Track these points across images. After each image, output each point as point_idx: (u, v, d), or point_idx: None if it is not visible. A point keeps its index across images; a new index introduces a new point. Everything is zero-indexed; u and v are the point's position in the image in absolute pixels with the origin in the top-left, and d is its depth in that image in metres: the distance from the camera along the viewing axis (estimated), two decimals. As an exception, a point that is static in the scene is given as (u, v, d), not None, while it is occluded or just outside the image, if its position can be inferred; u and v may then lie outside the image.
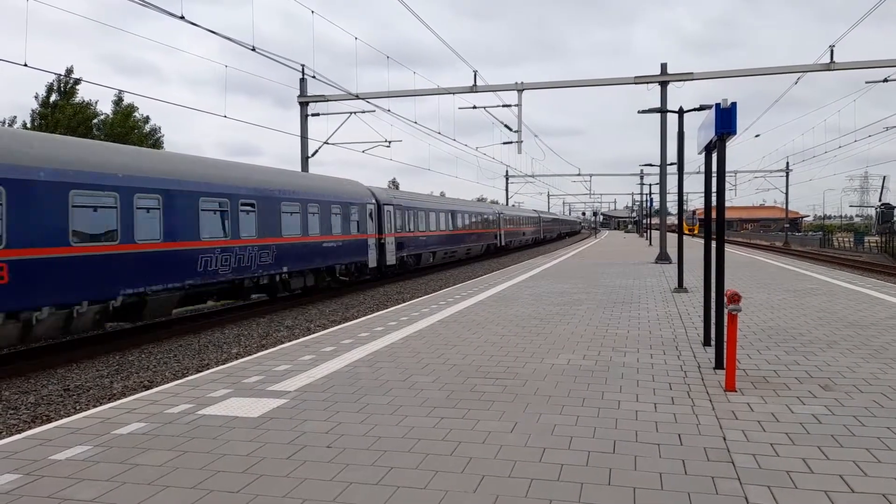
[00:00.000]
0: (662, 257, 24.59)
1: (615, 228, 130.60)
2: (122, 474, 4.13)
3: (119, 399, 7.42)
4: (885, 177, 44.26)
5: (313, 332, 13.07)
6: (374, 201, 23.55)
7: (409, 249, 27.02)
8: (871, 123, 34.03)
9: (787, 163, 62.76)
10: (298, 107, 27.06)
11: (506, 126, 27.02)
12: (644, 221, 63.30)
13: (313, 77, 21.82)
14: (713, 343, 7.02)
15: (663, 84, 23.99)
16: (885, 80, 22.76)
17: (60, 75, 37.90)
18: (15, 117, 40.63)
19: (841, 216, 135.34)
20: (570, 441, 4.61)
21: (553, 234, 76.42)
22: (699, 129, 7.62)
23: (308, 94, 26.83)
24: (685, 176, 14.93)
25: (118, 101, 41.01)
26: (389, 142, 28.27)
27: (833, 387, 6.00)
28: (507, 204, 69.19)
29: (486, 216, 41.26)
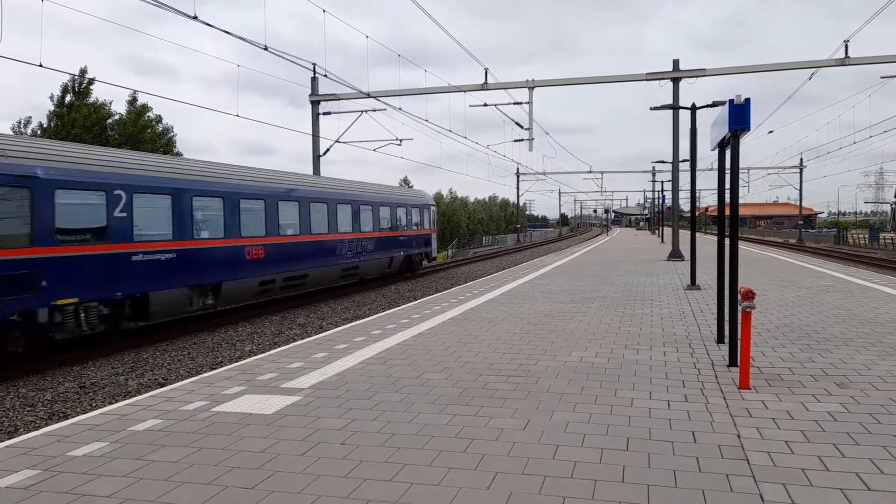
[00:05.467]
0: (675, 254, 24.48)
1: (627, 225, 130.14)
2: (138, 470, 4.17)
3: (134, 396, 7.49)
4: (900, 173, 43.84)
5: (326, 330, 13.12)
6: None
7: None
8: (887, 119, 33.65)
9: (801, 159, 62.31)
10: (310, 106, 27.17)
11: (517, 124, 26.97)
12: (655, 218, 62.99)
13: (325, 76, 21.89)
14: (727, 340, 6.99)
15: (675, 81, 23.86)
16: (901, 75, 22.52)
17: (75, 76, 38.23)
18: (30, 117, 41.07)
19: (856, 213, 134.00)
20: (584, 438, 4.60)
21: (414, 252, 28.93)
22: (712, 125, 7.57)
23: (320, 93, 26.90)
24: (698, 173, 14.86)
25: (132, 101, 41.32)
26: (401, 140, 28.29)
27: (848, 384, 5.95)
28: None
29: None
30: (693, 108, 15.21)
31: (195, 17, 14.07)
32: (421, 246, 26.25)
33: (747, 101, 6.21)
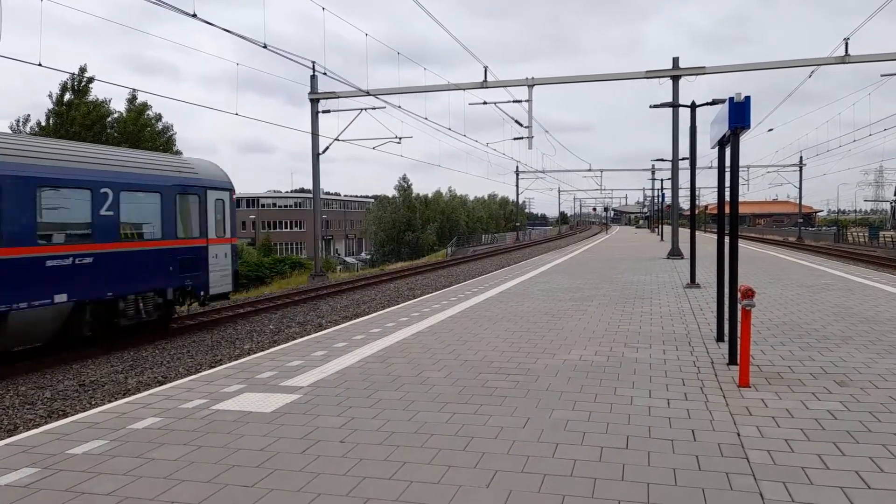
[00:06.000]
0: (674, 253, 24.48)
1: (626, 224, 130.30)
2: (138, 468, 4.17)
3: (134, 394, 7.49)
4: (900, 171, 43.92)
5: (325, 329, 13.11)
6: None
7: None
8: (887, 117, 33.65)
9: (801, 157, 62.24)
10: (309, 104, 27.14)
11: (516, 122, 26.96)
12: (655, 217, 62.98)
13: (324, 74, 21.90)
14: (727, 339, 6.98)
15: (675, 78, 23.85)
16: (901, 73, 22.51)
17: (74, 74, 38.18)
18: (29, 115, 41.07)
19: (855, 211, 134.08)
20: (583, 437, 4.60)
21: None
22: (712, 123, 7.57)
23: (319, 91, 26.87)
24: (697, 171, 14.85)
25: (132, 100, 41.32)
26: (400, 138, 28.30)
27: (848, 383, 5.95)
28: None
29: None
30: (693, 106, 15.20)
31: (194, 15, 14.06)
32: (163, 275, 12.96)
33: (747, 98, 6.20)
